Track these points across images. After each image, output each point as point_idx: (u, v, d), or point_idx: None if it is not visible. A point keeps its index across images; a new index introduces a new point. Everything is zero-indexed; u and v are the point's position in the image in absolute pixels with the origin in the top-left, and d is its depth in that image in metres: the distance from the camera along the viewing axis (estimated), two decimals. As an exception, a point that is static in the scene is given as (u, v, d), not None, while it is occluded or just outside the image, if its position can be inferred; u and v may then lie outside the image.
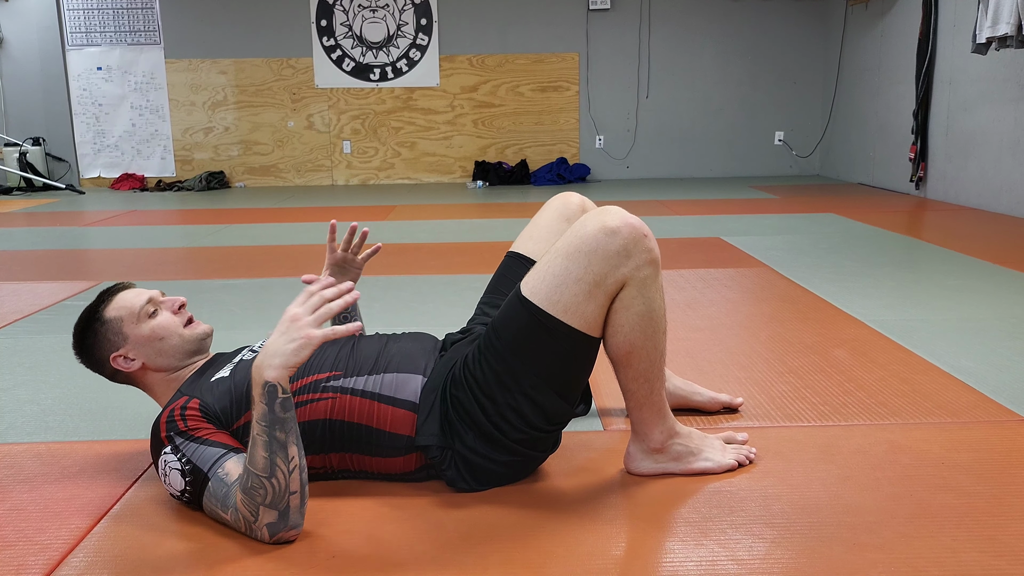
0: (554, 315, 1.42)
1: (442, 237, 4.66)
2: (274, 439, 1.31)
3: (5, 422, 1.98)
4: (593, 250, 1.41)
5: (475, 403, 1.48)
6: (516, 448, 1.51)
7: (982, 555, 1.31)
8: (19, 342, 2.66)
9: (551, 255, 1.45)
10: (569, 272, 1.41)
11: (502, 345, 1.46)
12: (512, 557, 1.33)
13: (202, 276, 3.70)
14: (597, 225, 1.41)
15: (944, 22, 5.66)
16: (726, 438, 1.71)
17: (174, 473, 1.42)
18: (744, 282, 3.33)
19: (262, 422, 1.31)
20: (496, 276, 1.86)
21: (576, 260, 1.41)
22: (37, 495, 1.58)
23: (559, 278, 1.42)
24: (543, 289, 1.43)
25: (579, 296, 1.42)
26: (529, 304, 1.44)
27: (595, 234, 1.41)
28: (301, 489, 1.34)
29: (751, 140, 8.01)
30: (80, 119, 8.08)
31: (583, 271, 1.41)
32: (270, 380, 1.30)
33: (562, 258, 1.43)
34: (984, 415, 1.91)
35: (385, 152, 8.09)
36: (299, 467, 1.34)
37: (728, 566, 1.30)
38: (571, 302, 1.42)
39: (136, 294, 1.61)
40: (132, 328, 1.57)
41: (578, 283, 1.41)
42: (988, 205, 5.23)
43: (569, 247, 1.43)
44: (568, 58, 7.90)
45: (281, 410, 1.31)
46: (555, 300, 1.42)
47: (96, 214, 6.14)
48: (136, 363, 1.58)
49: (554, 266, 1.43)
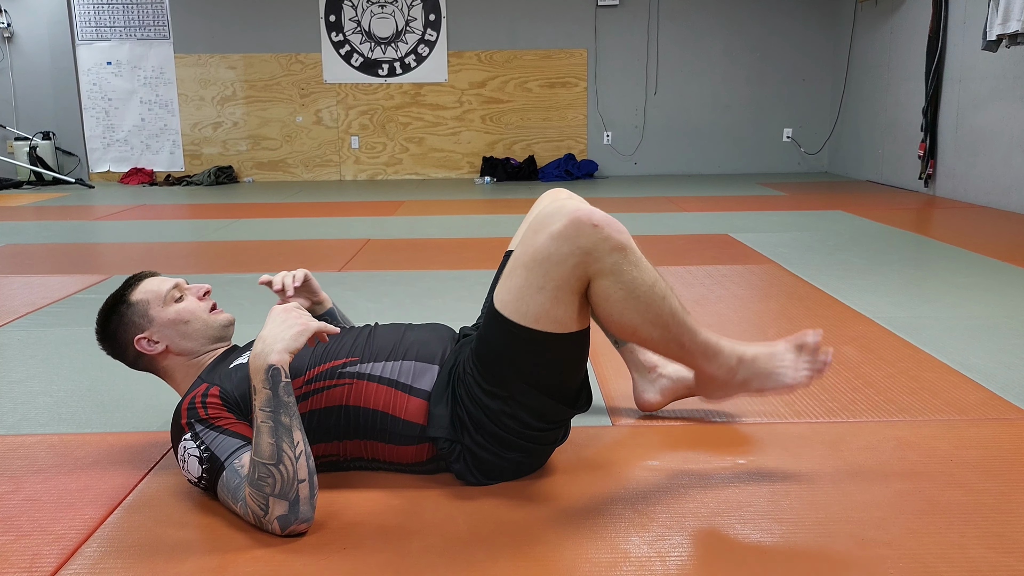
0: (526, 325, 1.41)
1: (450, 233, 4.67)
2: (279, 424, 1.33)
3: (18, 414, 2.00)
4: (546, 258, 1.38)
5: (477, 408, 1.50)
6: (522, 444, 1.52)
7: (990, 551, 1.31)
8: (31, 334, 2.67)
9: (512, 265, 1.45)
10: (529, 283, 1.40)
11: (489, 356, 1.48)
12: (521, 550, 1.34)
13: (212, 270, 3.71)
14: (545, 234, 1.39)
15: (954, 19, 5.64)
16: (797, 343, 1.59)
17: (192, 460, 1.44)
18: (752, 279, 3.33)
19: (266, 408, 1.33)
20: (497, 274, 1.86)
21: (533, 270, 1.40)
22: (51, 486, 1.60)
23: (522, 290, 1.41)
24: (510, 301, 1.43)
25: (545, 304, 1.40)
26: (500, 317, 1.44)
27: (545, 243, 1.38)
28: (309, 477, 1.36)
29: (759, 137, 7.99)
30: (90, 113, 8.11)
31: (543, 279, 1.39)
32: (274, 364, 1.33)
33: (521, 268, 1.42)
34: (993, 412, 1.91)
35: (393, 148, 8.10)
36: (305, 453, 1.35)
37: (736, 560, 1.30)
38: (539, 311, 1.41)
39: (162, 280, 1.65)
40: (158, 311, 1.60)
41: (541, 291, 1.40)
42: (997, 203, 5.21)
43: (525, 257, 1.41)
44: (576, 54, 7.89)
45: (285, 394, 1.34)
46: (523, 312, 1.41)
47: (106, 208, 6.16)
48: (160, 346, 1.61)
49: (516, 278, 1.43)
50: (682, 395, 1.86)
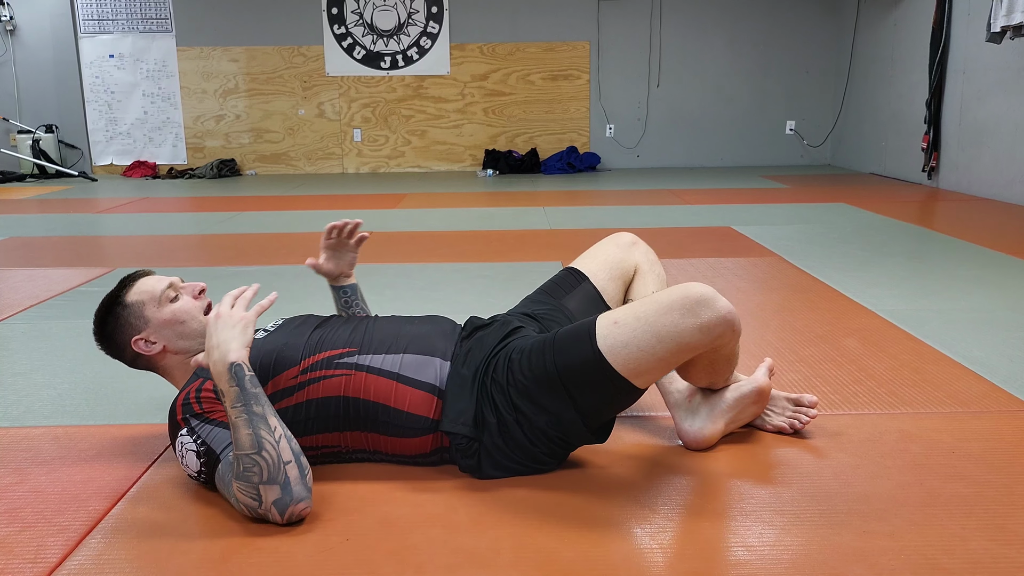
0: (625, 376, 1.47)
1: (452, 225, 4.67)
2: (252, 414, 1.35)
3: (23, 406, 2.00)
4: (686, 344, 1.45)
5: (511, 408, 1.51)
6: (538, 455, 1.54)
7: (992, 543, 1.32)
8: (35, 327, 2.68)
9: (640, 323, 1.45)
10: (655, 352, 1.45)
11: (555, 370, 1.49)
12: (524, 542, 1.34)
13: (214, 263, 3.72)
14: (693, 322, 1.43)
15: (958, 11, 5.62)
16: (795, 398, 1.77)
17: (190, 455, 1.44)
18: (755, 271, 3.33)
19: (237, 404, 1.35)
20: (550, 283, 1.91)
21: (665, 344, 1.44)
22: (55, 477, 1.60)
23: (644, 352, 1.45)
24: (623, 353, 1.45)
25: (655, 369, 1.48)
26: (602, 359, 1.46)
27: (692, 332, 1.43)
28: (296, 458, 1.36)
29: (762, 129, 7.97)
30: (92, 106, 8.11)
31: (669, 355, 1.46)
32: (235, 360, 1.37)
33: (652, 336, 1.44)
34: (995, 405, 1.91)
35: (396, 140, 8.09)
36: (285, 436, 1.37)
37: (738, 553, 1.31)
38: (647, 371, 1.47)
39: (157, 280, 1.64)
40: (154, 312, 1.60)
41: (660, 361, 1.47)
42: (1001, 195, 5.20)
43: (663, 329, 1.44)
44: (579, 47, 7.87)
45: (252, 386, 1.37)
46: (632, 367, 1.46)
47: (108, 201, 6.17)
48: (157, 346, 1.61)
49: (641, 340, 1.45)
50: (731, 421, 1.71)
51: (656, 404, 1.92)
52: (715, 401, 1.69)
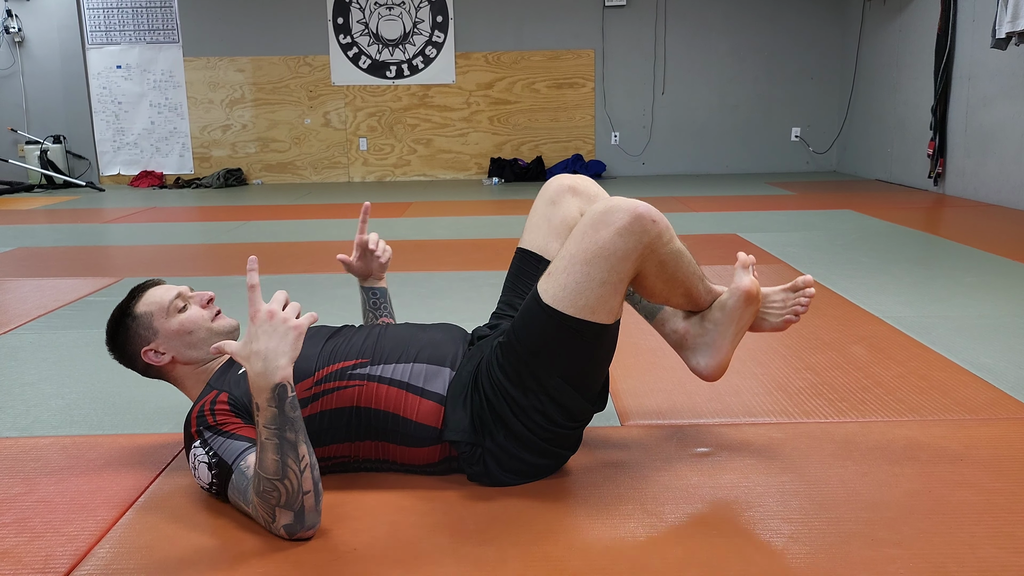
0: (582, 318, 1.45)
1: (459, 233, 4.67)
2: (284, 441, 1.31)
3: (31, 416, 2.01)
4: (611, 253, 1.43)
5: (504, 404, 1.51)
6: (545, 448, 1.54)
7: (1001, 551, 1.31)
8: (43, 337, 2.69)
9: (567, 261, 1.46)
10: (591, 277, 1.44)
11: (523, 350, 1.49)
12: (531, 551, 1.34)
13: (221, 272, 3.73)
14: (610, 230, 1.43)
15: (963, 17, 5.62)
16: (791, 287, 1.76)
17: (202, 467, 1.45)
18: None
19: (271, 426, 1.30)
20: (511, 274, 1.84)
21: (596, 265, 1.43)
22: (64, 487, 1.61)
23: (582, 284, 1.44)
24: (567, 296, 1.45)
25: (605, 295, 1.45)
26: (553, 312, 1.45)
27: (610, 239, 1.43)
28: (315, 487, 1.35)
29: (768, 136, 7.97)
30: (100, 117, 8.15)
31: (606, 274, 1.44)
32: (281, 381, 1.29)
33: (581, 264, 1.44)
34: (1003, 412, 1.90)
35: (401, 149, 8.11)
36: (310, 465, 1.34)
37: (746, 561, 1.30)
38: (598, 303, 1.45)
39: (166, 290, 1.64)
40: (162, 323, 1.60)
41: (603, 285, 1.44)
42: (1007, 201, 5.19)
43: (587, 253, 1.44)
44: (584, 55, 7.89)
45: (291, 410, 1.31)
46: (581, 304, 1.45)
47: (116, 211, 6.20)
48: (166, 357, 1.61)
49: (575, 273, 1.44)
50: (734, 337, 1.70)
51: (664, 411, 1.92)
52: (708, 327, 1.68)
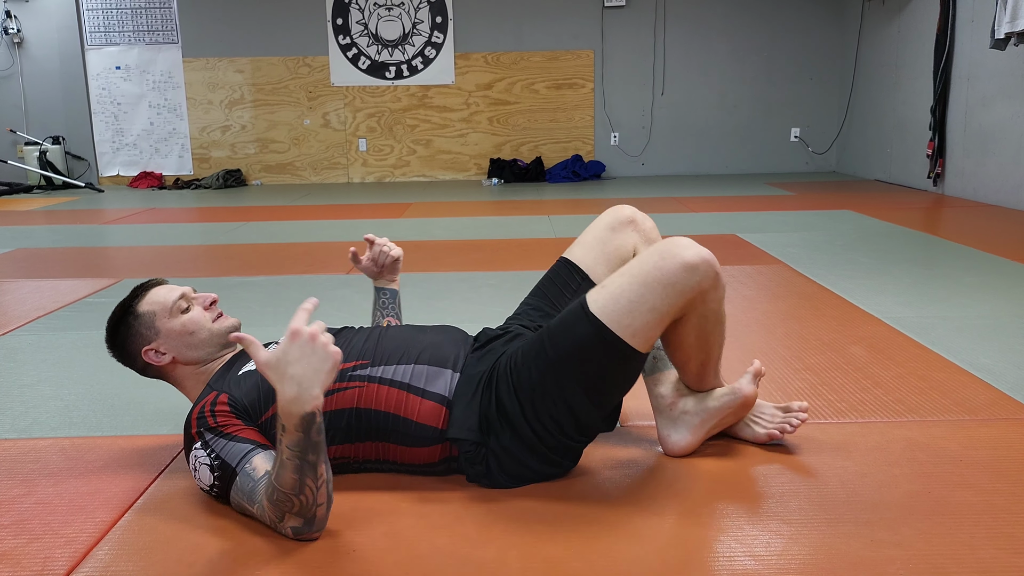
0: (622, 336, 1.47)
1: (458, 234, 4.67)
2: (305, 462, 1.30)
3: (30, 417, 2.01)
4: (672, 284, 1.46)
5: (517, 406, 1.51)
6: (549, 456, 1.54)
7: (1000, 552, 1.31)
8: (42, 338, 2.69)
9: (625, 279, 1.49)
10: (645, 300, 1.46)
11: (556, 355, 1.49)
12: (531, 552, 1.34)
13: (221, 273, 3.73)
14: (677, 261, 1.46)
15: (962, 17, 5.62)
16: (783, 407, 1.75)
17: (203, 468, 1.44)
18: (760, 279, 3.33)
19: (294, 448, 1.28)
20: (547, 278, 1.87)
21: (654, 290, 1.46)
22: (62, 489, 1.61)
23: (634, 304, 1.46)
24: (615, 311, 1.47)
25: (650, 323, 1.47)
26: (597, 322, 1.47)
27: (675, 270, 1.46)
28: (328, 500, 1.36)
29: (767, 137, 7.98)
30: (99, 118, 8.15)
31: (659, 301, 1.46)
32: (312, 410, 1.27)
33: (639, 286, 1.47)
34: (1002, 412, 1.90)
35: (401, 150, 8.12)
36: (326, 481, 1.34)
37: (745, 562, 1.30)
38: (641, 327, 1.47)
39: (169, 290, 1.64)
40: (164, 322, 1.60)
41: (652, 312, 1.47)
42: (1007, 201, 5.19)
43: (648, 276, 1.47)
44: (583, 55, 7.89)
45: (316, 434, 1.29)
46: (626, 324, 1.46)
47: (115, 212, 6.19)
48: (167, 357, 1.61)
49: (630, 292, 1.47)
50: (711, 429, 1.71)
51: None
52: (698, 410, 1.68)
